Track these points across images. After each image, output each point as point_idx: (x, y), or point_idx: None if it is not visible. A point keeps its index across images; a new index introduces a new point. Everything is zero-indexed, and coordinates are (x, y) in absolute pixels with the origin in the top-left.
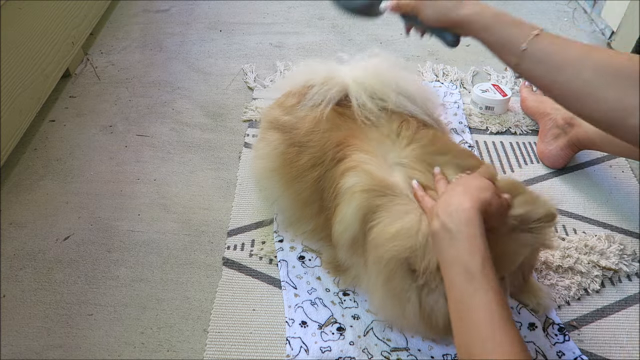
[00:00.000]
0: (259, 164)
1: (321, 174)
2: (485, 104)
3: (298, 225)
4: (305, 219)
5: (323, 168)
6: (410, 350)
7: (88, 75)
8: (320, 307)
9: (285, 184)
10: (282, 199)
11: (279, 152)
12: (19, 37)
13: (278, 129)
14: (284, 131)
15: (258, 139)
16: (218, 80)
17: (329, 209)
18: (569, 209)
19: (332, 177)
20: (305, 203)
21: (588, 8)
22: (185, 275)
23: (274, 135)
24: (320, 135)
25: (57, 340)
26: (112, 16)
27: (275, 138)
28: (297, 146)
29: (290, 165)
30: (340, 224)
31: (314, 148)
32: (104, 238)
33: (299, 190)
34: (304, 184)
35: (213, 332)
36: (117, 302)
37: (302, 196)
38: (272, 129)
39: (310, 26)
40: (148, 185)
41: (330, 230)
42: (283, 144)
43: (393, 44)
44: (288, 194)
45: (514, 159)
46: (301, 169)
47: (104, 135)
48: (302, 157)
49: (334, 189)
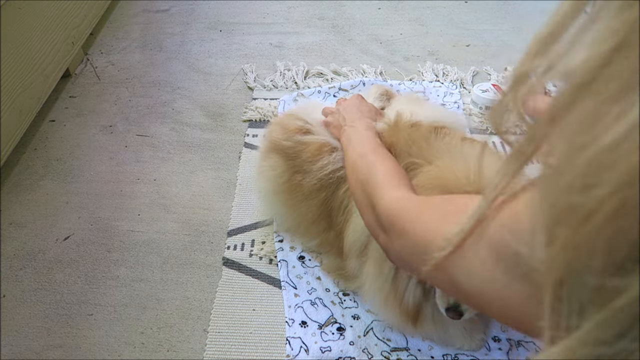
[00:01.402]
0: (263, 185)
1: (329, 195)
2: (485, 104)
3: (302, 239)
4: (312, 235)
5: (331, 190)
6: (410, 350)
7: (88, 75)
8: (320, 307)
9: (290, 206)
10: (286, 218)
11: (284, 180)
12: (19, 37)
13: (280, 153)
14: (287, 158)
15: (262, 155)
16: (218, 80)
17: (339, 224)
18: None
19: (340, 196)
20: (312, 222)
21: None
22: (185, 275)
23: (277, 160)
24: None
25: (57, 340)
26: (112, 16)
27: (279, 164)
28: (301, 172)
29: (296, 190)
30: (353, 233)
31: (320, 172)
32: (104, 238)
33: (305, 212)
34: (311, 205)
35: (213, 332)
36: (117, 302)
37: (308, 217)
38: (274, 152)
39: (310, 26)
40: (148, 185)
41: (339, 244)
42: (287, 172)
43: (393, 44)
44: (293, 215)
45: None
46: (307, 192)
47: (104, 135)
48: (307, 181)
49: (344, 208)
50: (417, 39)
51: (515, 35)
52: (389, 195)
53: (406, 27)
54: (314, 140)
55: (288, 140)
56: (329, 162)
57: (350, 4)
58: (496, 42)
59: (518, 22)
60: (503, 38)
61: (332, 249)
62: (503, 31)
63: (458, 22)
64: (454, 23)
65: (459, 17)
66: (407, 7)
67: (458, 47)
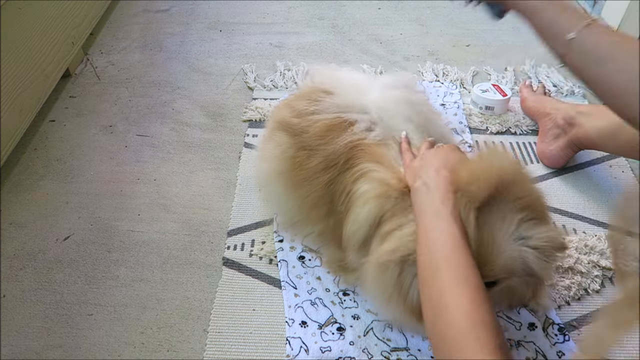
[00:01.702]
0: (264, 167)
1: (333, 177)
2: (485, 104)
3: (302, 227)
4: (312, 221)
5: (335, 171)
6: (410, 350)
7: (88, 75)
8: (320, 307)
9: (292, 187)
10: (287, 201)
11: (288, 156)
12: (19, 37)
13: (287, 131)
14: (294, 134)
15: (265, 138)
16: (218, 80)
17: (340, 212)
18: (569, 209)
19: (344, 181)
20: (314, 205)
21: (588, 8)
22: (185, 275)
23: (282, 137)
24: (333, 139)
25: (57, 340)
26: (112, 16)
27: (284, 141)
28: (307, 149)
29: (300, 168)
30: (353, 224)
31: (326, 151)
32: (104, 238)
33: (307, 193)
34: (314, 186)
35: (213, 332)
36: (117, 302)
37: (310, 199)
38: (280, 130)
39: (310, 26)
40: (148, 185)
41: (339, 233)
42: (292, 148)
43: (393, 44)
44: (295, 196)
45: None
46: (311, 171)
47: (104, 135)
48: (312, 160)
49: (347, 194)
50: (417, 39)
51: (515, 35)
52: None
53: (406, 27)
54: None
55: (298, 117)
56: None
57: (350, 4)
58: (496, 42)
59: (518, 22)
60: (503, 38)
61: (332, 238)
62: (503, 31)
63: (458, 22)
64: (454, 23)
65: (459, 17)
66: (407, 7)
67: (458, 47)
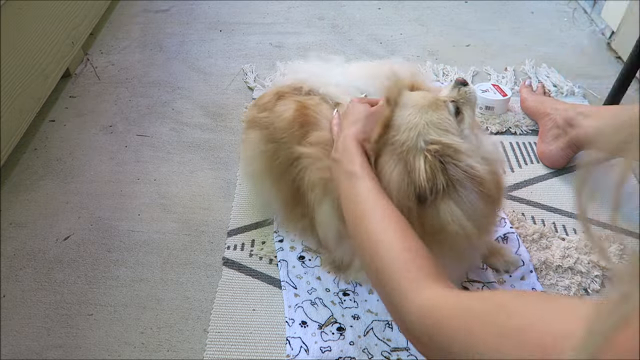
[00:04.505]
0: (247, 170)
1: (295, 175)
2: (485, 104)
3: (289, 225)
4: (294, 219)
5: (296, 169)
6: (410, 350)
7: (88, 75)
8: (320, 307)
9: (272, 184)
10: (273, 200)
11: (260, 152)
12: (19, 37)
13: (256, 126)
14: (262, 127)
15: (242, 141)
16: (218, 80)
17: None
18: (568, 209)
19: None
20: (288, 204)
21: (588, 8)
22: (185, 275)
23: (253, 133)
24: (291, 136)
25: (57, 340)
26: (112, 16)
27: (254, 136)
28: (275, 142)
29: (272, 163)
30: (322, 227)
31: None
32: (104, 238)
33: (281, 189)
34: (285, 184)
35: (213, 332)
36: (117, 302)
37: (283, 196)
38: (251, 128)
39: (310, 26)
40: (148, 185)
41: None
42: (262, 141)
43: (393, 44)
44: (274, 192)
45: (514, 159)
46: (282, 167)
47: (104, 135)
48: (280, 154)
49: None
50: (417, 39)
51: (515, 35)
52: (419, 299)
53: (406, 27)
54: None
55: (264, 111)
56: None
57: (350, 4)
58: (496, 42)
59: (518, 22)
60: (503, 38)
61: (313, 239)
62: (503, 31)
63: (458, 22)
64: (454, 23)
65: (459, 17)
66: (407, 7)
67: (458, 47)
